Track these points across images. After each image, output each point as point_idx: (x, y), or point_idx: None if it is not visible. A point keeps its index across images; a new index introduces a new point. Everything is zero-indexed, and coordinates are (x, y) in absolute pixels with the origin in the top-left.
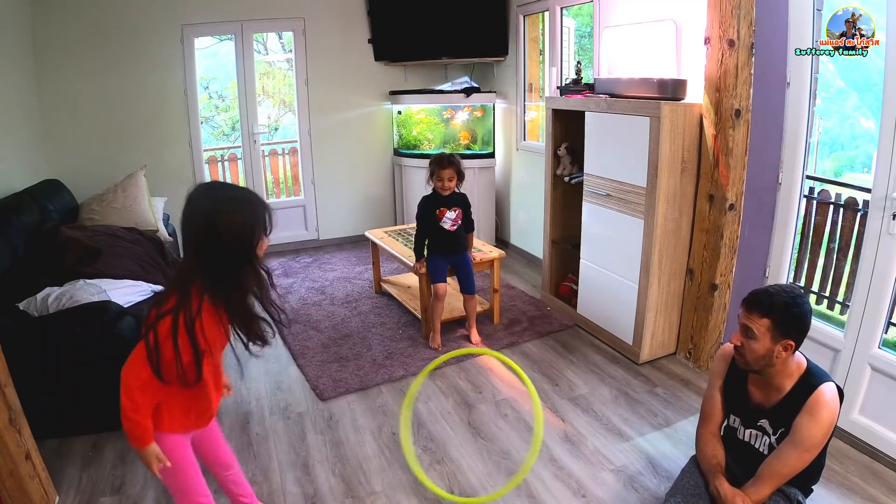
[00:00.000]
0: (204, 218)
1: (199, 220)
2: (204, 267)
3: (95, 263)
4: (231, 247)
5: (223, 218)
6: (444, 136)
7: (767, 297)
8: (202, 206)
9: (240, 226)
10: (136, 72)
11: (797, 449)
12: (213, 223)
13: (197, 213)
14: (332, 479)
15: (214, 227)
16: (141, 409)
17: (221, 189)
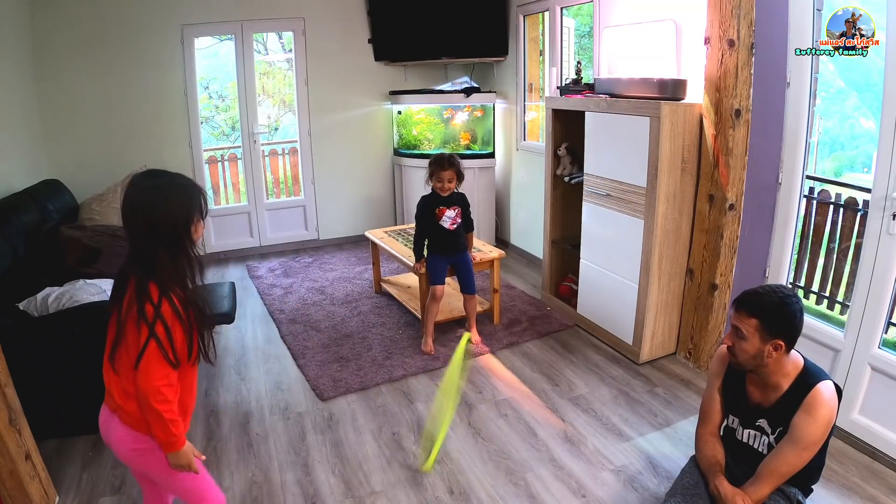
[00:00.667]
0: (141, 207)
1: (136, 209)
2: (149, 254)
3: (95, 263)
4: (168, 234)
5: (159, 207)
6: (444, 136)
7: (756, 297)
8: (138, 197)
9: (175, 213)
10: (137, 72)
11: (796, 447)
12: (149, 212)
13: (135, 203)
14: (332, 479)
15: (151, 216)
16: (175, 407)
17: (155, 178)
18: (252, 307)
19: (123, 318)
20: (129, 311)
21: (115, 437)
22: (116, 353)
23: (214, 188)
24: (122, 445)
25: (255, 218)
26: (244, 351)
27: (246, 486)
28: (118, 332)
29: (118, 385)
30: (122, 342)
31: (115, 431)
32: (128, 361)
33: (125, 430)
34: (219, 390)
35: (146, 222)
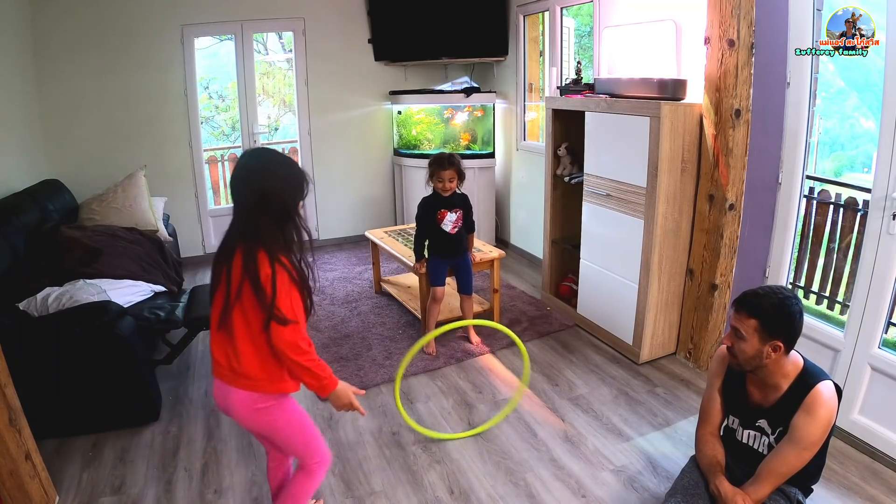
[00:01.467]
0: (255, 182)
1: (248, 183)
2: (258, 224)
3: (95, 263)
4: (278, 206)
5: (271, 181)
6: (444, 136)
7: (756, 297)
8: (251, 172)
9: (284, 188)
10: (136, 72)
11: (796, 448)
12: (262, 186)
13: (247, 177)
14: (332, 479)
15: (264, 190)
16: (314, 353)
17: (265, 155)
18: None
19: (237, 287)
20: (242, 278)
21: (235, 402)
22: (231, 320)
23: (214, 188)
24: (242, 409)
25: None
26: None
27: (246, 486)
28: (228, 300)
29: (232, 351)
30: (237, 309)
31: (234, 398)
32: (246, 326)
33: (244, 394)
34: None
35: (259, 196)
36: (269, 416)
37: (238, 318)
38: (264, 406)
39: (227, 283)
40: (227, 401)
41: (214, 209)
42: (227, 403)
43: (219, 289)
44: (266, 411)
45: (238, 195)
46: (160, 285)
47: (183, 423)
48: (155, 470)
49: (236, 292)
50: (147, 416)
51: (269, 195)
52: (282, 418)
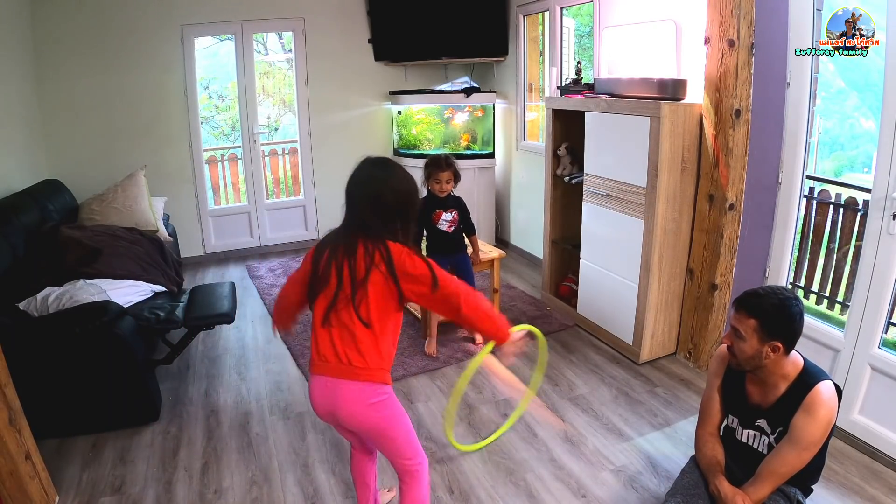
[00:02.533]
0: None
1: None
2: (385, 223)
3: (95, 263)
4: (406, 208)
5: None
6: (444, 136)
7: (756, 297)
8: (379, 179)
9: (407, 191)
10: (136, 72)
11: (795, 448)
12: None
13: (375, 184)
14: (332, 479)
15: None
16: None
17: (389, 165)
18: (252, 307)
19: (362, 278)
20: (368, 270)
21: (348, 398)
22: (349, 312)
23: (214, 188)
24: (355, 405)
25: (255, 218)
26: (244, 351)
27: (246, 486)
28: (354, 291)
29: (348, 344)
30: (360, 300)
31: (346, 392)
32: (368, 316)
33: (359, 386)
34: (219, 390)
35: (394, 199)
36: (383, 411)
37: (362, 309)
38: (378, 400)
39: (350, 276)
40: (336, 398)
41: (214, 209)
42: (337, 400)
43: (327, 285)
44: (380, 405)
45: (364, 199)
46: (160, 285)
47: (183, 423)
48: (155, 470)
49: (361, 282)
50: (147, 416)
51: (398, 199)
52: (392, 413)
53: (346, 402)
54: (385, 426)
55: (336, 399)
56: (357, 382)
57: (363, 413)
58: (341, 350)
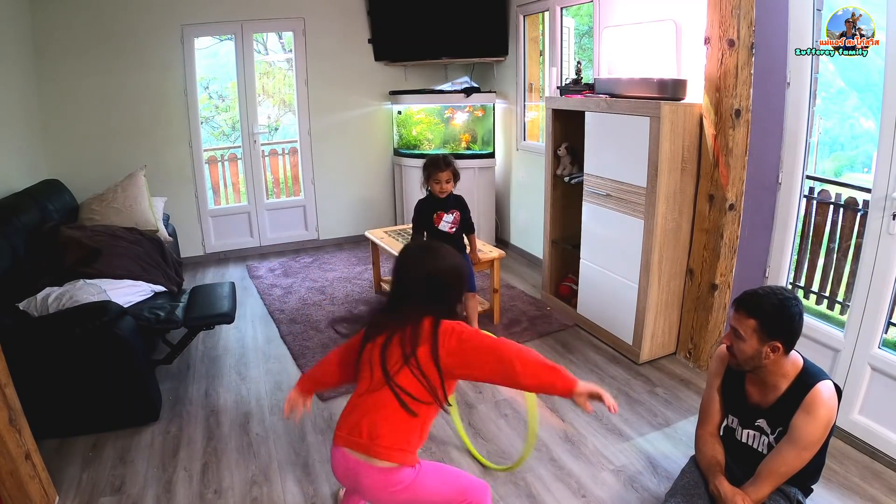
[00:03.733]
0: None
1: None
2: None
3: (95, 263)
4: (452, 291)
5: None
6: (444, 136)
7: (756, 298)
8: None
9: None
10: (136, 72)
11: (795, 447)
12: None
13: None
14: (332, 479)
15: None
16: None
17: (448, 255)
18: (252, 307)
19: (407, 358)
20: (415, 350)
21: (371, 485)
22: (403, 396)
23: (214, 188)
24: (380, 492)
25: (255, 218)
26: (244, 351)
27: (246, 486)
28: (398, 373)
29: (383, 423)
30: (410, 384)
31: (370, 479)
32: (424, 398)
33: (382, 473)
34: (219, 390)
35: (444, 283)
36: (407, 493)
37: (407, 394)
38: (401, 487)
39: (403, 353)
40: (360, 479)
41: (214, 209)
42: (360, 482)
43: (375, 361)
44: (403, 490)
45: (417, 282)
46: (160, 285)
47: (183, 423)
48: (155, 470)
49: (411, 363)
50: (147, 416)
51: (451, 284)
52: (417, 493)
53: (369, 487)
54: (421, 500)
55: (360, 481)
56: (381, 466)
57: (388, 499)
58: (370, 426)
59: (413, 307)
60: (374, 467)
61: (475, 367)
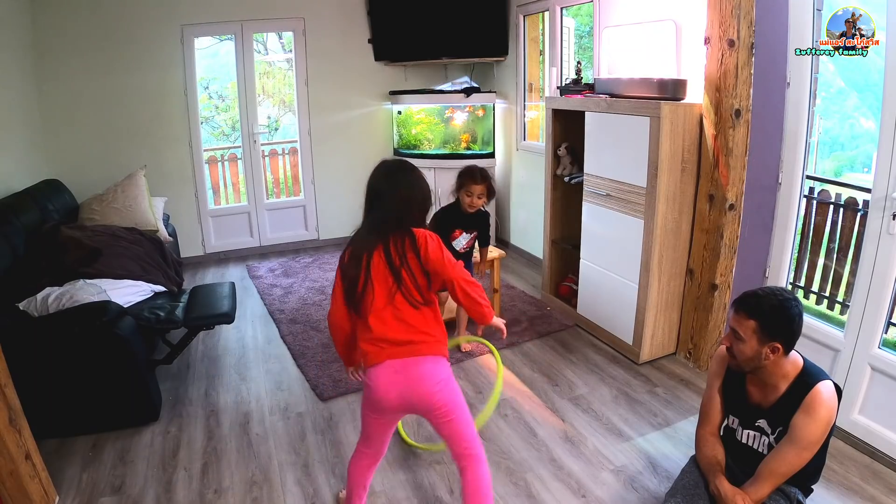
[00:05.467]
0: (413, 187)
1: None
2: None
3: (95, 263)
4: (423, 203)
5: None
6: (444, 136)
7: (755, 299)
8: (408, 180)
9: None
10: (136, 72)
11: (795, 447)
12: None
13: (405, 184)
14: (332, 479)
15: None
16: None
17: (411, 169)
18: (252, 307)
19: (401, 265)
20: (405, 256)
21: (424, 376)
22: (405, 295)
23: (214, 188)
24: (431, 383)
25: (255, 218)
26: (244, 351)
27: (246, 486)
28: (400, 279)
29: (414, 322)
30: (409, 283)
31: (421, 371)
32: (419, 296)
33: (432, 362)
34: (219, 390)
35: (419, 197)
36: (450, 387)
37: (413, 292)
38: (446, 376)
39: (395, 266)
40: (411, 378)
41: (214, 209)
42: (412, 381)
43: (376, 276)
44: (449, 381)
45: (389, 196)
46: (160, 285)
47: (183, 423)
48: (155, 470)
49: (406, 268)
50: (147, 416)
51: (423, 196)
52: (457, 393)
53: (422, 379)
54: (453, 405)
55: (411, 379)
56: (430, 357)
57: (438, 392)
58: (408, 329)
59: (399, 221)
60: (424, 360)
61: (436, 276)
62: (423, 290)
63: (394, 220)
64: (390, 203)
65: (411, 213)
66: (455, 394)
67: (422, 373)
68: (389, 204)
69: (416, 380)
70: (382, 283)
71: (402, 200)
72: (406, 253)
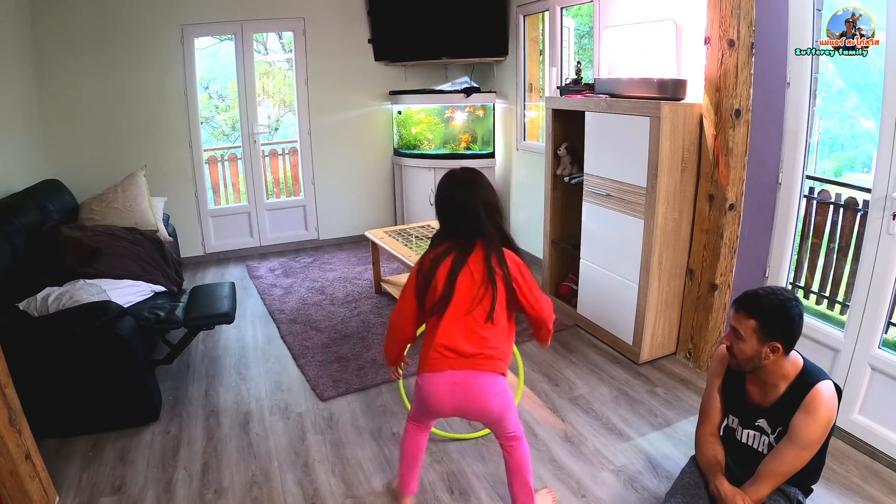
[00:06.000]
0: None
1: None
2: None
3: (95, 263)
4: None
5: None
6: (444, 136)
7: (756, 298)
8: (486, 191)
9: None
10: (136, 72)
11: (795, 447)
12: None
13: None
14: (332, 479)
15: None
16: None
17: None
18: (252, 307)
19: (492, 278)
20: (495, 271)
21: (483, 390)
22: (495, 312)
23: (214, 188)
24: (487, 397)
25: (255, 218)
26: (244, 351)
27: (246, 486)
28: (488, 291)
29: (487, 337)
30: (496, 299)
31: (481, 385)
32: (503, 313)
33: (490, 378)
34: (219, 390)
35: (497, 203)
36: (505, 398)
37: (497, 306)
38: (502, 390)
39: (490, 274)
40: (470, 390)
41: (214, 209)
42: (471, 393)
43: (462, 283)
44: (504, 394)
45: (473, 206)
46: (160, 285)
47: (183, 423)
48: (155, 470)
49: (494, 281)
50: (147, 416)
51: (497, 203)
52: (510, 401)
53: (481, 394)
54: (505, 412)
55: (469, 394)
56: (489, 374)
57: (493, 402)
58: (479, 341)
59: (488, 230)
60: (483, 375)
61: (521, 303)
62: (503, 307)
63: (485, 228)
64: (475, 211)
65: (496, 220)
66: (508, 402)
67: (480, 389)
68: (474, 212)
69: (473, 396)
70: (466, 292)
71: (487, 207)
72: (496, 268)
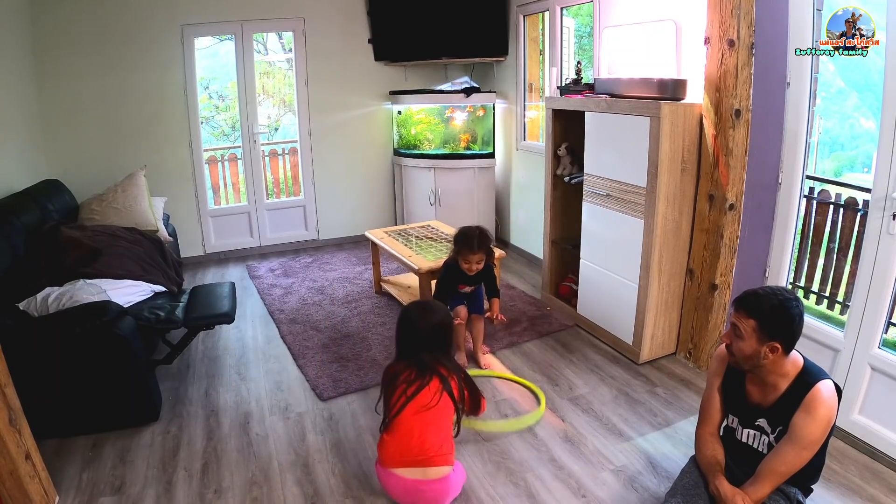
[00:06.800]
0: (441, 329)
1: (437, 330)
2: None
3: (95, 263)
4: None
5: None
6: (444, 136)
7: (756, 298)
8: (438, 322)
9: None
10: (136, 72)
11: (795, 447)
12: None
13: (436, 326)
14: (332, 479)
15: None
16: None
17: (437, 310)
18: (252, 307)
19: (437, 396)
20: (438, 391)
21: (444, 487)
22: (436, 419)
23: (214, 188)
24: (450, 490)
25: (255, 218)
26: (244, 351)
27: (246, 486)
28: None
29: (436, 442)
30: (437, 410)
31: (440, 483)
32: (447, 419)
33: (443, 475)
34: (219, 390)
35: (445, 326)
36: (455, 486)
37: (439, 417)
38: (457, 475)
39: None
40: (426, 492)
41: (214, 209)
42: (429, 492)
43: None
44: (455, 484)
45: (426, 337)
46: (160, 285)
47: (183, 423)
48: (155, 470)
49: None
50: (147, 416)
51: (445, 327)
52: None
53: (445, 490)
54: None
55: (427, 492)
56: (450, 471)
57: (446, 495)
58: (425, 443)
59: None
60: (437, 470)
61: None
62: (447, 412)
63: (435, 350)
64: (426, 336)
65: (444, 341)
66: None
67: (446, 487)
68: (426, 337)
69: (429, 490)
70: (417, 401)
71: (436, 332)
72: (444, 387)
